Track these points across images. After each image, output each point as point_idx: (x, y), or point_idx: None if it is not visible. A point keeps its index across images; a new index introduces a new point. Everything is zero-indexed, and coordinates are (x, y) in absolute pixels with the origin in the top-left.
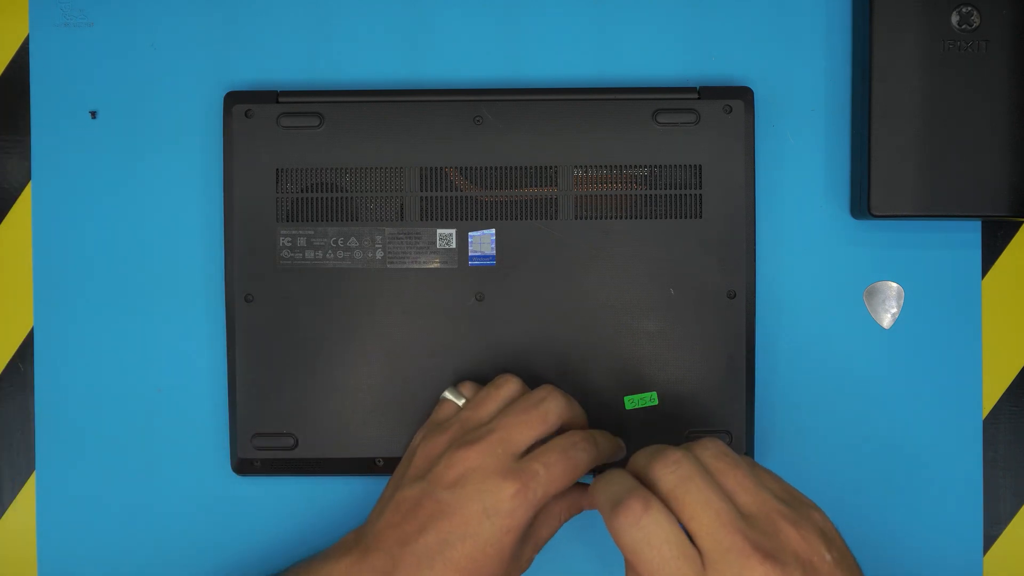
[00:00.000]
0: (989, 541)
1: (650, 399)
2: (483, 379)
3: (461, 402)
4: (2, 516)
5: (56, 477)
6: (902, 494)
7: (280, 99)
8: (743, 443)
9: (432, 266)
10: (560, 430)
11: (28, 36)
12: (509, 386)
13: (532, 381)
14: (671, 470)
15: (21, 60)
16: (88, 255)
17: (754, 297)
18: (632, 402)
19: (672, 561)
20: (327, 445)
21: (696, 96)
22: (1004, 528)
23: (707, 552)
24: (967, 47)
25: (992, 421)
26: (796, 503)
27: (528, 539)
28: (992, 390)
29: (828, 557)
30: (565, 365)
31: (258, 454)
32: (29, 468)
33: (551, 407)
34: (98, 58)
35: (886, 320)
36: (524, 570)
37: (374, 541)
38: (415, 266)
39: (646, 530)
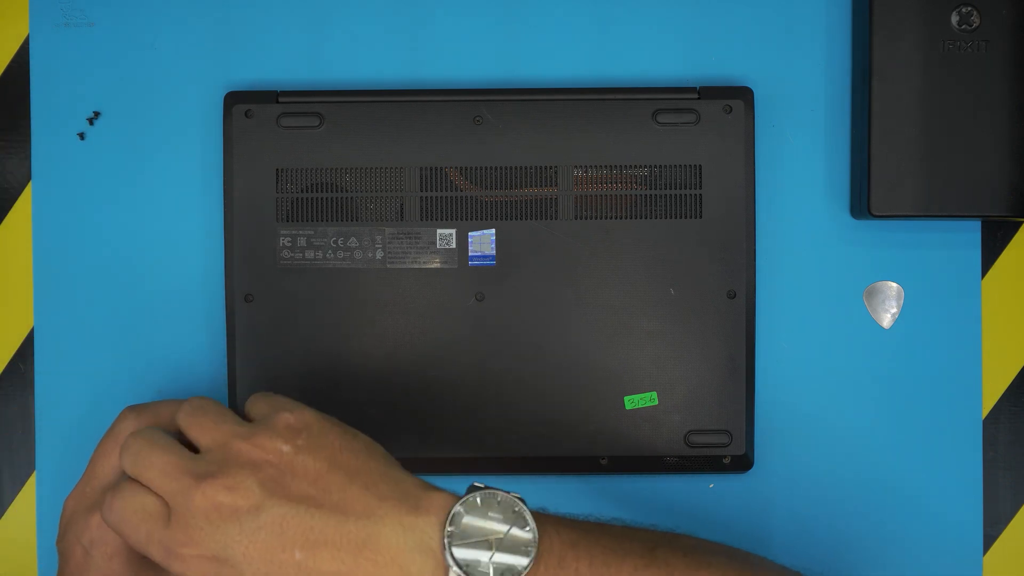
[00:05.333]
0: (989, 541)
1: (650, 399)
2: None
3: None
4: (2, 516)
5: (56, 477)
6: (902, 494)
7: (280, 99)
8: (743, 443)
9: (432, 266)
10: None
11: (28, 36)
12: (119, 427)
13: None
14: (125, 456)
15: (21, 60)
16: (88, 255)
17: (754, 297)
18: (632, 402)
19: (142, 525)
20: None
21: (696, 96)
22: (1004, 528)
23: (167, 502)
24: (967, 47)
25: (992, 421)
26: (269, 416)
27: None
28: (992, 390)
29: (286, 448)
30: (565, 365)
31: None
32: (29, 468)
33: (120, 427)
34: (98, 58)
35: (886, 320)
36: None
37: None
38: (415, 266)
39: (117, 512)
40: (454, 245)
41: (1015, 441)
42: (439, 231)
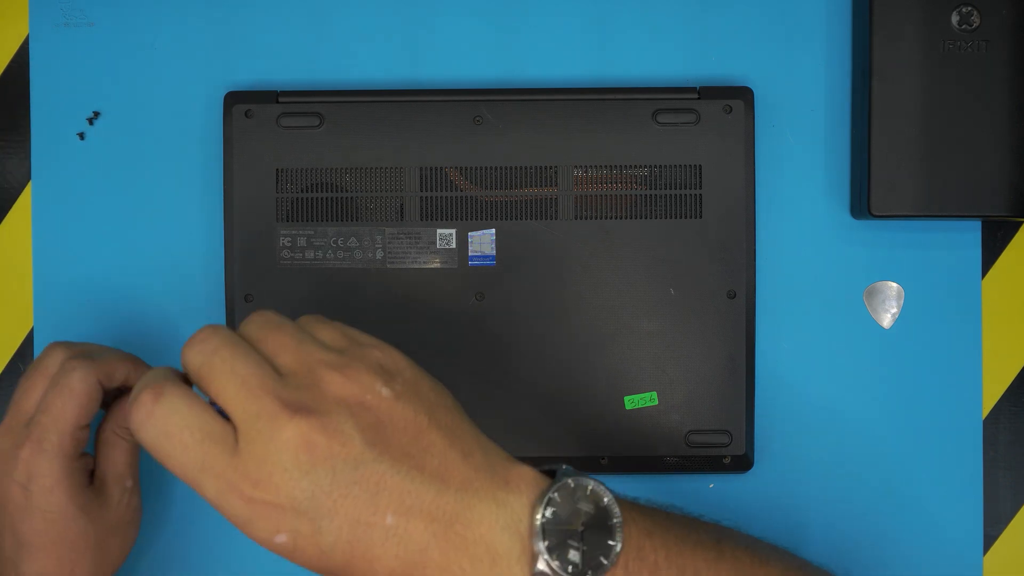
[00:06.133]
0: (989, 541)
1: (650, 399)
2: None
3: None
4: None
5: None
6: (902, 494)
7: (280, 99)
8: (743, 443)
9: (432, 266)
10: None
11: (28, 36)
12: (44, 360)
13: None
14: (197, 349)
15: (21, 60)
16: (88, 255)
17: (754, 297)
18: (632, 402)
19: (196, 446)
20: None
21: (696, 96)
22: (1004, 528)
23: (238, 423)
24: (967, 47)
25: (992, 421)
26: (353, 347)
27: (106, 478)
28: (992, 390)
29: (385, 391)
30: (565, 365)
31: None
32: None
33: (46, 361)
34: (98, 58)
35: (886, 320)
36: (133, 506)
37: None
38: (415, 266)
39: (160, 421)
40: (454, 245)
41: (1015, 441)
42: (439, 231)
